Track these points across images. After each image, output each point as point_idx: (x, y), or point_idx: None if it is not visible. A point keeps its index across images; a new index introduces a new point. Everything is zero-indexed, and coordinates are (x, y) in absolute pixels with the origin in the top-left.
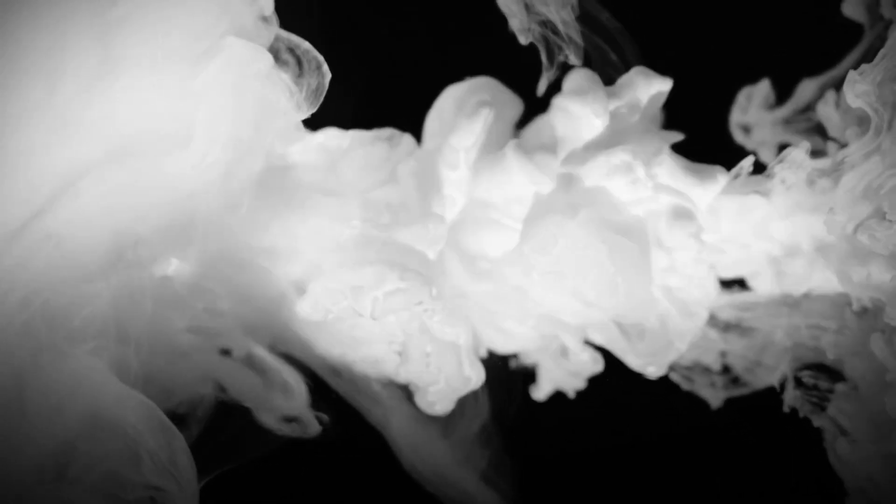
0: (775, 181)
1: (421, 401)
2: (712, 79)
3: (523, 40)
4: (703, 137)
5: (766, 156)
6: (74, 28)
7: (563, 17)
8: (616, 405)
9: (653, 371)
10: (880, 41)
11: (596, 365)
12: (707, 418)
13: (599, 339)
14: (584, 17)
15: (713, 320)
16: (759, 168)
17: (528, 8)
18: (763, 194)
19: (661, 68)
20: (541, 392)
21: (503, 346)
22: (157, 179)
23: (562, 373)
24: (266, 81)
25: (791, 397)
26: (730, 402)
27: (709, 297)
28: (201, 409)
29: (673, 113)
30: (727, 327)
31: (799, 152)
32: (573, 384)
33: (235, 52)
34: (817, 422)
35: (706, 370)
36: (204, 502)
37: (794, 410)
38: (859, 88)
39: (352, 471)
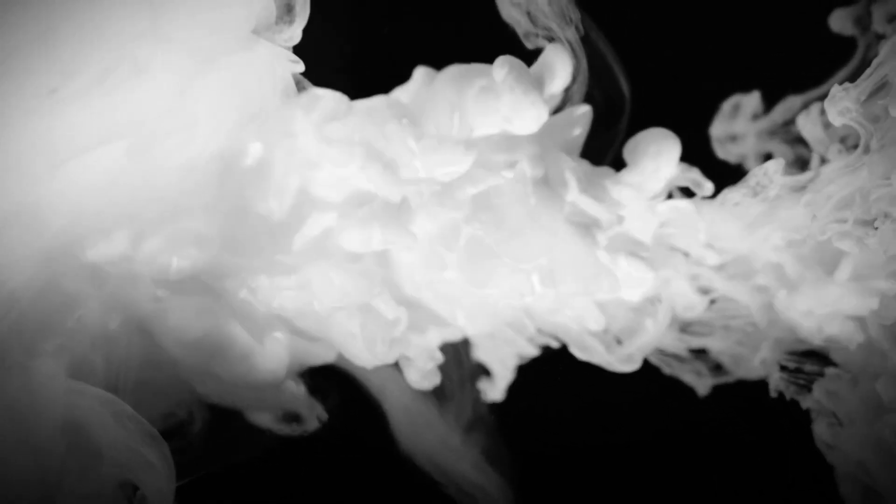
0: (751, 192)
1: (411, 377)
2: (701, 84)
3: (529, 45)
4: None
5: (749, 166)
6: None
7: (566, 35)
8: (611, 402)
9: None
10: (871, 56)
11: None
12: (702, 415)
13: (563, 337)
14: (584, 39)
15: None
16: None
17: (532, 20)
18: (740, 205)
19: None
20: (497, 387)
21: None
22: (156, 165)
23: (506, 353)
24: (284, 88)
25: (776, 381)
26: (725, 399)
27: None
28: (198, 411)
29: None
30: (706, 323)
31: (776, 164)
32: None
33: (266, 51)
34: (805, 404)
35: (688, 359)
36: (204, 502)
37: (788, 406)
38: (842, 105)
39: (352, 471)
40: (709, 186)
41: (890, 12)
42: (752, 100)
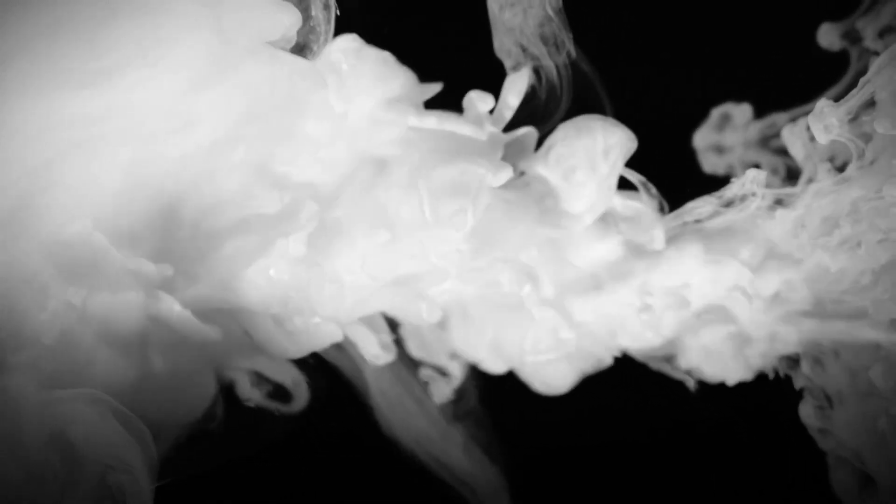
0: (724, 202)
1: (370, 355)
2: (695, 95)
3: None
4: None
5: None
6: None
7: (556, 61)
8: (604, 401)
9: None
10: (863, 71)
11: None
12: (697, 414)
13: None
14: (573, 66)
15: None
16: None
17: (523, 49)
18: (724, 215)
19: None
20: (448, 385)
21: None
22: (155, 163)
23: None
24: (300, 101)
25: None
26: (721, 398)
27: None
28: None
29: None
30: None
31: (757, 175)
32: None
33: (292, 61)
34: (798, 383)
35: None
36: (204, 502)
37: (787, 404)
38: (827, 121)
39: (351, 470)
40: (651, 188)
41: (881, 27)
42: (743, 112)
